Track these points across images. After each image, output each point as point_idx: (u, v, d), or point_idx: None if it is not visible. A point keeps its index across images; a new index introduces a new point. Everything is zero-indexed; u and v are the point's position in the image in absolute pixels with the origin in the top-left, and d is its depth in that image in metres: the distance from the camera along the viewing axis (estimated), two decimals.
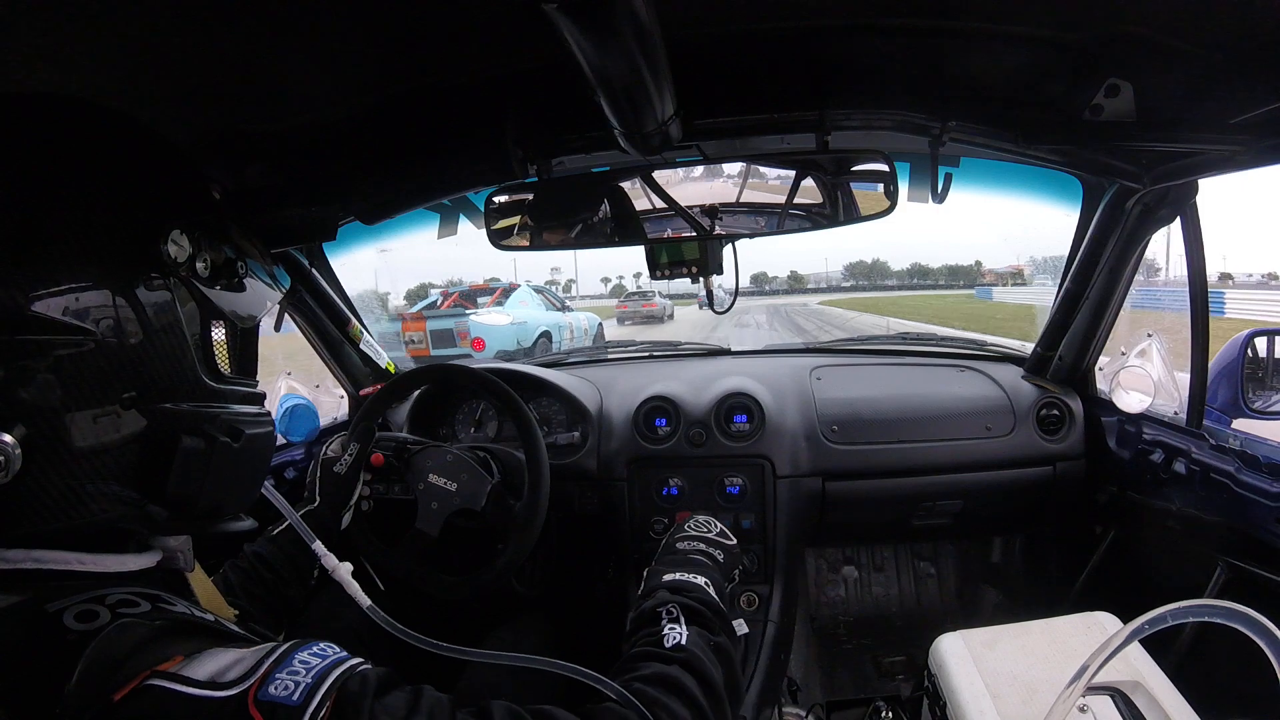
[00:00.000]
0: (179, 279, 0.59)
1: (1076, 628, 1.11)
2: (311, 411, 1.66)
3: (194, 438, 0.59)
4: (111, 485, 0.55)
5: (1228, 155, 1.00)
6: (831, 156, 1.15)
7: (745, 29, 0.92)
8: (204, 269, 0.62)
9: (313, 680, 0.50)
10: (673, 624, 0.79)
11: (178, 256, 0.59)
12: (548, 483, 1.25)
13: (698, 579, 0.93)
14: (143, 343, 0.55)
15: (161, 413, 0.57)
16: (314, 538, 0.94)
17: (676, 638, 0.77)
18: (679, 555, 1.04)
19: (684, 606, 0.83)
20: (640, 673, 0.72)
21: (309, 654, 0.53)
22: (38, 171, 0.53)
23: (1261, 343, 1.44)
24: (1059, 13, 0.86)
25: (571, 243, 1.27)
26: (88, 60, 0.74)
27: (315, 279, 1.56)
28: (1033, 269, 31.95)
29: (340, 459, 1.25)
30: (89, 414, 0.53)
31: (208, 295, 0.62)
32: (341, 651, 0.55)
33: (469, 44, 0.90)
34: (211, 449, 0.60)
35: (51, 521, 0.52)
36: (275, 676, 0.49)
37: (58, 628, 0.48)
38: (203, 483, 0.60)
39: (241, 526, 0.70)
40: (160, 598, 0.55)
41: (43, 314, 0.50)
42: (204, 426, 0.60)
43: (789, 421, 1.63)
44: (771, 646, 1.45)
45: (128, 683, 0.46)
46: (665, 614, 0.81)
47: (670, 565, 0.98)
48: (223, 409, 0.63)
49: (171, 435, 0.57)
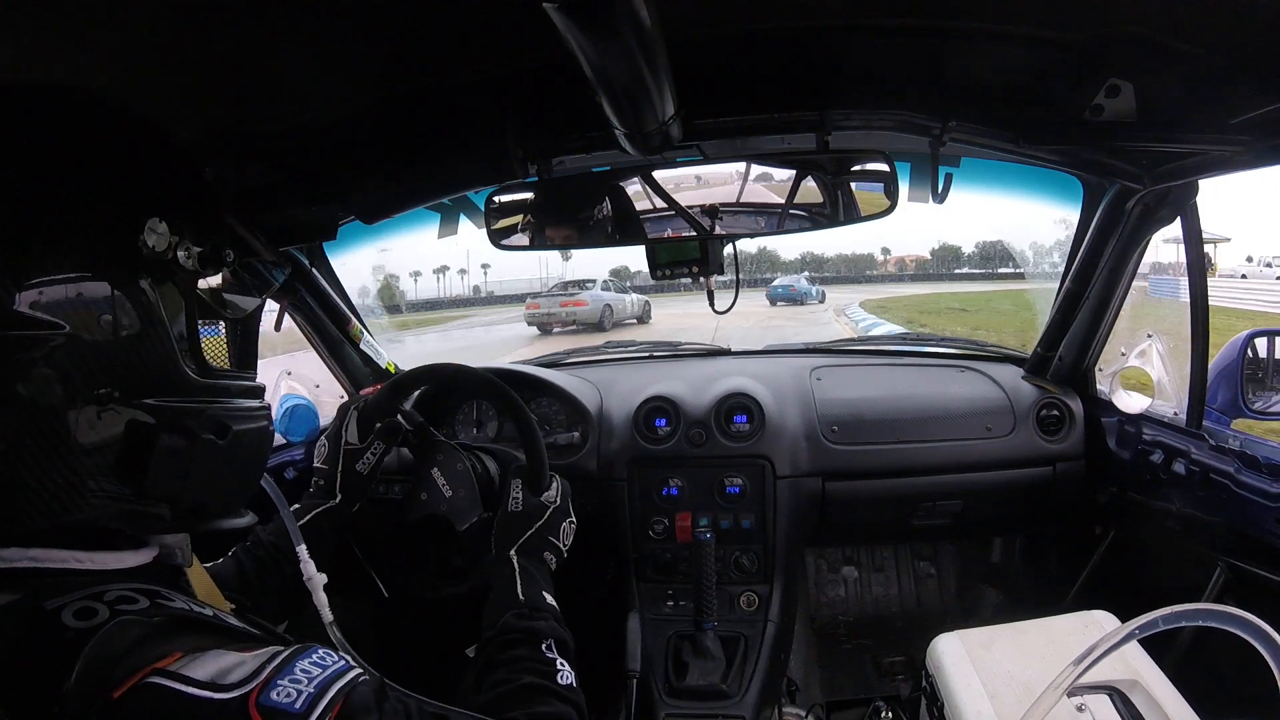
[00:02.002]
0: (160, 269, 0.57)
1: (1074, 627, 1.12)
2: (311, 411, 1.66)
3: (173, 435, 0.57)
4: (96, 483, 0.54)
5: (1228, 156, 1.00)
6: (832, 156, 1.15)
7: (745, 29, 0.92)
8: (187, 258, 0.59)
9: (315, 690, 0.50)
10: (559, 659, 0.82)
11: (156, 246, 0.56)
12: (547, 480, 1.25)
13: (549, 599, 0.93)
14: (119, 337, 0.54)
15: (141, 410, 0.55)
16: (300, 540, 0.92)
17: (569, 678, 0.80)
18: (535, 559, 1.02)
19: (558, 640, 0.84)
20: (542, 709, 0.74)
21: (309, 662, 0.53)
22: (4, 159, 0.52)
23: (1261, 343, 1.44)
24: (1059, 13, 0.86)
25: (572, 242, 1.27)
26: (87, 60, 0.75)
27: (315, 279, 1.56)
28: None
29: (364, 456, 1.21)
30: (63, 411, 0.51)
31: (192, 287, 0.60)
32: (341, 660, 0.55)
33: (469, 44, 0.90)
34: (193, 447, 0.58)
35: (38, 519, 0.52)
36: (277, 682, 0.49)
37: (56, 626, 0.48)
38: (184, 481, 0.58)
39: (238, 523, 0.68)
40: (158, 593, 0.55)
41: (11, 308, 0.48)
42: (186, 423, 0.58)
43: (789, 422, 1.63)
44: (771, 646, 1.45)
45: (127, 680, 0.46)
46: (545, 644, 0.83)
47: (533, 578, 0.97)
48: (210, 404, 0.61)
49: (150, 433, 0.55)
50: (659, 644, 1.46)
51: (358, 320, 1.70)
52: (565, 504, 1.10)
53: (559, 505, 1.08)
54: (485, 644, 0.84)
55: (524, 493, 1.07)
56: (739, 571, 1.55)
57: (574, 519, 1.11)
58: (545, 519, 1.05)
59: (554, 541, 1.06)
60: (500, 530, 1.04)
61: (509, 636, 0.84)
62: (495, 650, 0.82)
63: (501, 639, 0.84)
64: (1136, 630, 0.68)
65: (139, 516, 0.57)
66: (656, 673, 1.41)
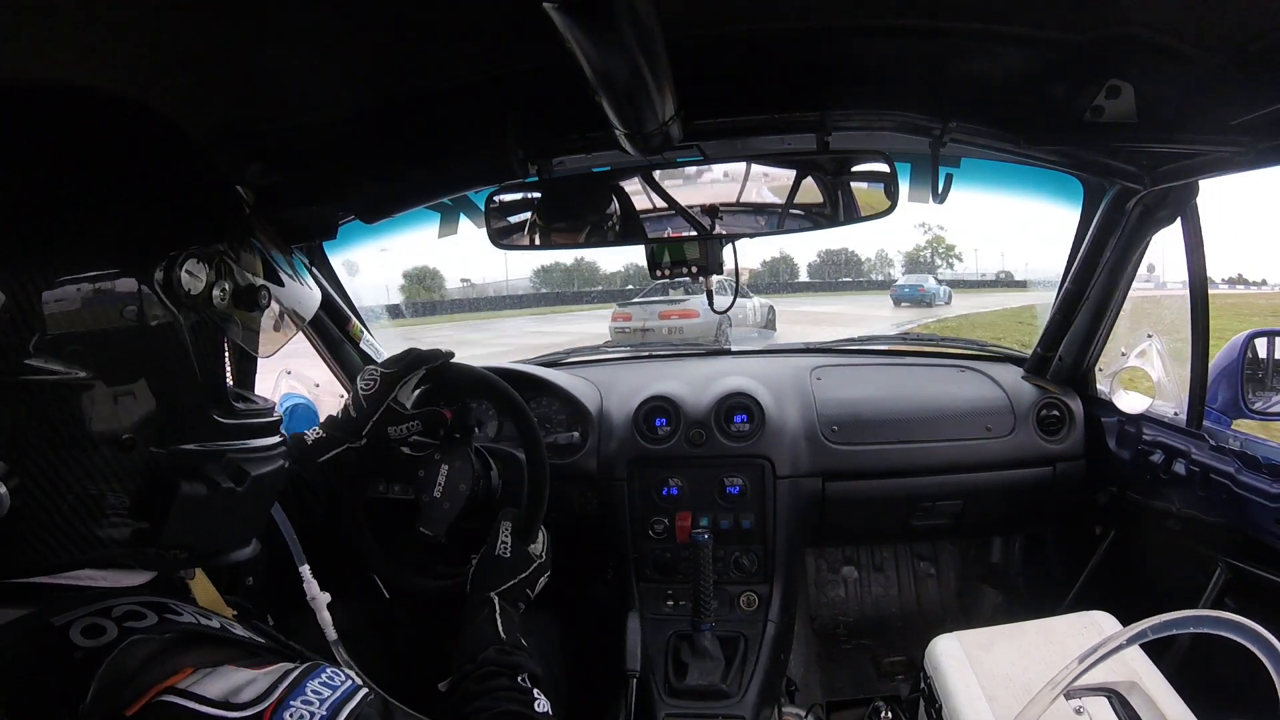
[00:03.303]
0: (193, 310, 0.55)
1: (1073, 628, 1.11)
2: (311, 411, 1.66)
3: (194, 484, 0.55)
4: (115, 528, 0.53)
5: (1228, 156, 1.00)
6: (832, 156, 1.15)
7: (745, 29, 0.92)
8: (221, 299, 0.56)
9: (328, 713, 0.51)
10: (535, 690, 0.82)
11: (191, 289, 0.54)
12: (547, 484, 1.25)
13: (522, 640, 0.93)
14: (145, 381, 0.53)
15: (163, 455, 0.54)
16: (304, 561, 0.91)
17: (545, 706, 0.80)
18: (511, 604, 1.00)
19: (533, 675, 0.84)
20: None
21: (319, 683, 0.53)
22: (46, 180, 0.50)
23: (1261, 344, 1.44)
24: (1059, 14, 0.86)
25: (572, 243, 1.27)
26: (87, 58, 0.75)
27: (315, 278, 1.56)
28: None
29: (402, 426, 1.16)
30: (84, 457, 0.51)
31: (223, 326, 0.58)
32: (349, 680, 0.56)
33: (469, 44, 0.90)
34: (213, 495, 0.57)
35: (50, 559, 0.52)
36: (289, 703, 0.49)
37: (65, 644, 0.47)
38: (202, 529, 0.57)
39: (244, 554, 0.67)
40: (166, 606, 0.54)
41: (41, 359, 0.48)
42: (207, 469, 0.57)
43: (789, 422, 1.63)
44: (771, 646, 1.45)
45: (140, 698, 0.46)
46: (521, 676, 0.83)
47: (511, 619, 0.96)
48: (230, 446, 0.60)
49: (171, 481, 0.54)
50: (659, 644, 1.46)
51: (357, 319, 1.70)
52: (547, 560, 1.10)
53: (542, 561, 1.08)
54: (464, 677, 0.84)
55: (514, 540, 1.06)
56: (739, 571, 1.55)
57: (549, 572, 1.11)
58: (529, 573, 1.04)
59: (529, 594, 1.06)
60: (484, 571, 1.03)
61: (488, 669, 0.84)
62: (474, 683, 0.82)
63: (480, 671, 0.84)
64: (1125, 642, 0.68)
65: (155, 558, 0.57)
66: (656, 673, 1.41)
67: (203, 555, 0.61)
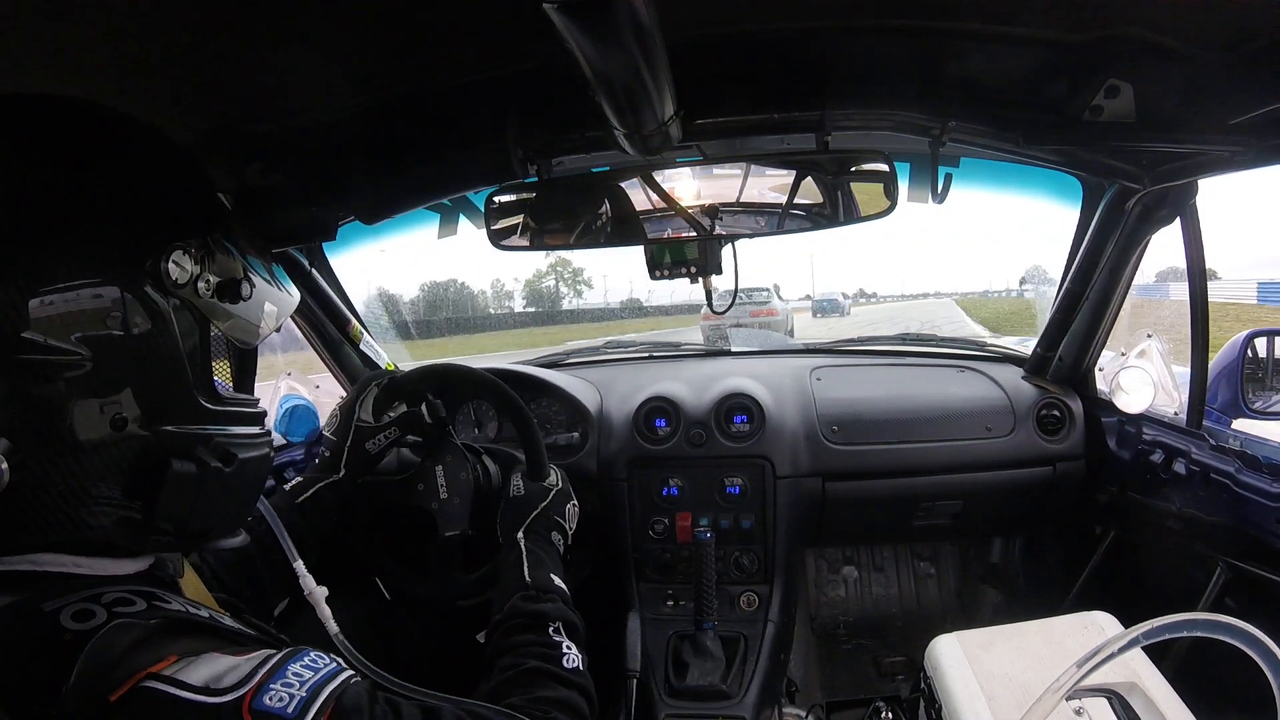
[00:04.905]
0: (179, 299, 0.58)
1: (1073, 628, 1.11)
2: (311, 412, 1.66)
3: (184, 462, 0.58)
4: (108, 503, 0.55)
5: (1228, 156, 1.00)
6: (832, 157, 1.15)
7: (745, 29, 0.92)
8: (206, 289, 0.60)
9: (307, 694, 0.51)
10: (565, 641, 0.82)
11: (179, 279, 0.57)
12: (537, 430, 1.24)
13: (558, 580, 0.93)
14: (137, 364, 0.55)
15: (154, 435, 0.56)
16: (296, 556, 0.91)
17: (575, 661, 0.80)
18: (542, 540, 1.02)
19: (566, 623, 0.84)
20: (543, 694, 0.74)
21: (301, 665, 0.53)
22: (38, 179, 0.52)
23: (1261, 343, 1.44)
24: (1059, 13, 0.86)
25: (572, 243, 1.27)
26: (87, 59, 0.75)
27: (315, 279, 1.56)
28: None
29: (377, 437, 1.20)
30: (79, 435, 0.52)
31: (207, 316, 0.61)
32: (332, 663, 0.56)
33: (469, 44, 0.90)
34: (202, 474, 0.59)
35: (46, 535, 0.53)
36: (269, 686, 0.50)
37: (54, 627, 0.48)
38: (192, 507, 0.59)
39: (232, 543, 0.69)
40: (155, 595, 0.55)
41: (37, 336, 0.50)
42: (196, 450, 0.59)
43: (789, 422, 1.63)
44: (771, 646, 1.45)
45: (123, 684, 0.46)
46: (552, 627, 0.83)
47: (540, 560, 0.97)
48: (218, 431, 0.62)
49: (162, 459, 0.56)
50: (659, 644, 1.46)
51: (357, 321, 1.70)
52: (566, 487, 1.11)
53: (561, 488, 1.09)
54: (494, 628, 0.85)
55: (525, 480, 1.08)
56: (739, 571, 1.56)
57: (576, 502, 1.12)
58: (549, 500, 1.06)
59: (559, 521, 1.06)
60: (505, 516, 1.05)
61: (515, 621, 0.84)
62: (502, 636, 0.83)
63: (508, 623, 0.84)
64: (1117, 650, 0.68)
65: (143, 534, 0.58)
66: (656, 673, 1.41)
67: (192, 535, 0.62)
